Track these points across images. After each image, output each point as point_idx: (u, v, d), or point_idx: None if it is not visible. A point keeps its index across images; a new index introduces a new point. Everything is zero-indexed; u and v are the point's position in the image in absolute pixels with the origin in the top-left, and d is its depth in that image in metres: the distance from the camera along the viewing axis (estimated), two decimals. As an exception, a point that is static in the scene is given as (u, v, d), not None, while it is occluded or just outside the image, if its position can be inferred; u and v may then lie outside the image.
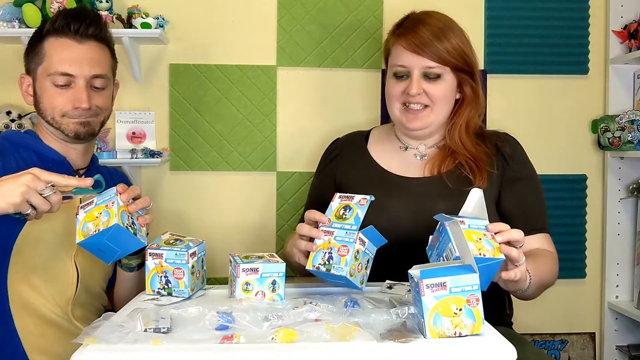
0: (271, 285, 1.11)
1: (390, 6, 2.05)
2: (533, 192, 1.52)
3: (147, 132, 2.01)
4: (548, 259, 1.44)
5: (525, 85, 2.12)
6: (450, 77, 1.47)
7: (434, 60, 1.44)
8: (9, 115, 1.92)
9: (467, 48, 1.48)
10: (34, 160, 1.38)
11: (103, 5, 1.87)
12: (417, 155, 1.55)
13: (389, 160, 1.56)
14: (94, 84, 1.41)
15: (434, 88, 1.46)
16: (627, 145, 2.03)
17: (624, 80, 2.12)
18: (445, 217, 1.08)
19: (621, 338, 2.16)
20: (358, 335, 0.93)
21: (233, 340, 0.92)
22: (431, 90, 1.46)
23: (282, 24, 2.04)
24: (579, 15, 2.10)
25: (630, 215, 2.14)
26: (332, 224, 1.18)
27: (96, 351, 0.89)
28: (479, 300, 0.94)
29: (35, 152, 1.41)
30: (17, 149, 1.39)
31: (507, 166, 1.50)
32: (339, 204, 1.21)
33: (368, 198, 1.19)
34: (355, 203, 1.19)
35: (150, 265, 1.20)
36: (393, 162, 1.55)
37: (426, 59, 1.44)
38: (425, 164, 1.52)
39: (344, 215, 1.18)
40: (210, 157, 2.03)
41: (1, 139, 1.42)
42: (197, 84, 2.02)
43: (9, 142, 1.41)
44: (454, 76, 1.48)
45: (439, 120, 1.50)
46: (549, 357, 1.59)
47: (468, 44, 1.50)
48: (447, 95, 1.48)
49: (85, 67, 1.38)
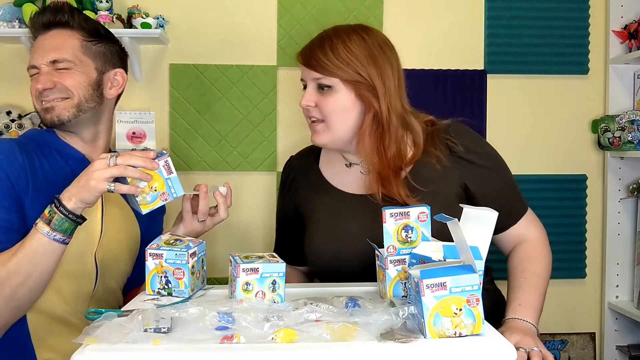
0: (271, 285, 1.11)
1: (390, 6, 2.05)
2: (502, 179, 1.48)
3: (147, 132, 2.01)
4: (537, 260, 1.44)
5: (525, 85, 2.12)
6: (343, 88, 1.38)
7: (319, 71, 1.39)
8: (9, 115, 1.92)
9: (363, 59, 1.38)
10: (57, 159, 1.40)
11: (103, 5, 1.87)
12: (362, 170, 1.48)
13: (339, 179, 1.51)
14: (57, 67, 1.39)
15: (325, 101, 1.40)
16: (627, 145, 2.03)
17: (624, 80, 2.12)
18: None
19: (621, 338, 2.16)
20: (358, 335, 0.93)
21: (233, 341, 0.92)
22: (322, 102, 1.40)
23: (282, 24, 2.04)
24: (579, 15, 2.10)
25: (630, 215, 2.14)
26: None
27: (96, 351, 0.88)
28: (479, 300, 0.94)
29: (57, 150, 1.42)
30: (41, 148, 1.40)
31: (468, 165, 1.44)
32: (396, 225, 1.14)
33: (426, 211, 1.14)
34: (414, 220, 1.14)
35: (150, 266, 1.20)
36: (343, 180, 1.50)
37: (312, 70, 1.40)
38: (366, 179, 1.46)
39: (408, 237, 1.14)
40: (210, 157, 2.03)
41: (25, 139, 1.43)
42: (197, 84, 2.02)
43: (33, 142, 1.41)
44: (348, 88, 1.38)
45: (341, 135, 1.41)
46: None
47: (369, 53, 1.39)
48: (340, 109, 1.39)
49: (45, 54, 1.39)
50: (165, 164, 1.26)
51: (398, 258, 1.12)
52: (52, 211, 1.22)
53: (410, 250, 1.12)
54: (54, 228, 1.21)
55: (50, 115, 1.39)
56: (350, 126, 1.41)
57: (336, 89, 1.39)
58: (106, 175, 1.20)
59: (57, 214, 1.21)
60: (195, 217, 1.41)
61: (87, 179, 1.21)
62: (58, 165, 1.40)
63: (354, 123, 1.41)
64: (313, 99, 1.41)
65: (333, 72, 1.38)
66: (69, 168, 1.39)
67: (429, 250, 1.10)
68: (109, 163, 1.21)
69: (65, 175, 1.36)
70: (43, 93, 1.38)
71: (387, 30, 2.04)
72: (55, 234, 1.21)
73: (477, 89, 2.07)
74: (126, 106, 2.00)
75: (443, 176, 1.42)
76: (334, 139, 1.43)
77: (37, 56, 1.39)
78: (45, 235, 1.21)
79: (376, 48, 1.41)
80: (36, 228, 1.22)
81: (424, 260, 1.08)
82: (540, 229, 1.50)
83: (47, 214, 1.22)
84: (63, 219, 1.21)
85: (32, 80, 1.41)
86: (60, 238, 1.22)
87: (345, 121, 1.41)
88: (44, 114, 1.40)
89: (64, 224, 1.22)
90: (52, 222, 1.21)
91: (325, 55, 1.38)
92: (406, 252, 1.12)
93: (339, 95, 1.39)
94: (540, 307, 1.39)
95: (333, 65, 1.38)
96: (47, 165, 1.38)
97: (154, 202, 1.27)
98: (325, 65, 1.38)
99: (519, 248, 1.46)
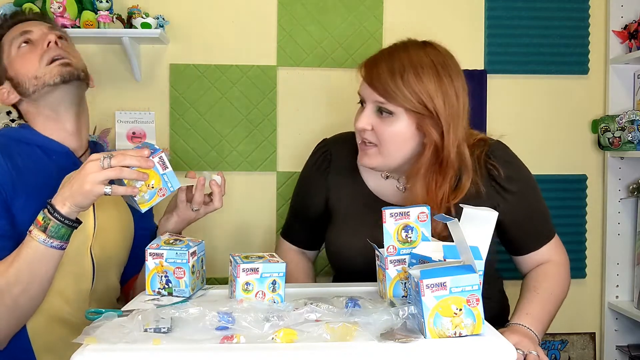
0: (271, 285, 1.11)
1: (391, 6, 2.05)
2: (535, 206, 1.45)
3: (147, 132, 2.01)
4: (553, 279, 1.43)
5: (525, 85, 2.12)
6: (405, 118, 1.32)
7: (383, 96, 1.31)
8: (9, 115, 1.92)
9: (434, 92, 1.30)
10: (39, 154, 1.37)
11: (103, 5, 1.87)
12: (398, 186, 1.46)
13: (376, 184, 1.48)
14: (57, 35, 1.41)
15: (383, 127, 1.33)
16: (627, 145, 2.03)
17: (624, 80, 2.12)
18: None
19: (621, 338, 2.16)
20: (358, 335, 0.93)
21: (233, 341, 0.92)
22: (380, 128, 1.33)
23: (282, 24, 2.04)
24: (579, 15, 2.10)
25: (630, 215, 2.14)
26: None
27: (96, 351, 0.88)
28: (479, 300, 0.94)
29: (38, 146, 1.39)
30: (20, 145, 1.37)
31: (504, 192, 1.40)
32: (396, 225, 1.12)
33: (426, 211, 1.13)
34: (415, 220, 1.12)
35: (151, 265, 1.20)
36: (380, 186, 1.47)
37: (375, 92, 1.33)
38: (406, 197, 1.42)
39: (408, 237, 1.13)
40: (210, 157, 2.03)
41: (4, 138, 1.39)
42: (197, 84, 2.02)
43: (12, 140, 1.38)
44: (410, 118, 1.32)
45: (392, 162, 1.36)
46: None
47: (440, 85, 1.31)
48: (399, 138, 1.33)
49: (40, 27, 1.41)
50: (160, 160, 1.24)
51: (398, 258, 1.12)
52: (46, 218, 1.18)
53: (410, 250, 1.12)
54: (51, 235, 1.18)
55: (68, 69, 1.37)
56: (404, 156, 1.36)
57: (397, 116, 1.32)
58: (101, 178, 1.16)
59: (53, 220, 1.18)
60: (190, 206, 1.40)
61: (81, 183, 1.16)
62: (42, 161, 1.37)
63: (410, 154, 1.36)
64: (370, 122, 1.35)
65: (399, 101, 1.30)
66: (54, 163, 1.37)
67: (429, 250, 1.10)
68: (102, 165, 1.16)
69: (50, 171, 1.34)
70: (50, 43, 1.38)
71: (387, 31, 2.05)
72: (53, 241, 1.19)
73: (477, 89, 2.07)
74: (126, 106, 2.00)
75: (478, 200, 1.36)
76: (385, 165, 1.38)
77: (32, 26, 1.41)
78: (42, 243, 1.18)
79: (446, 77, 1.33)
80: (31, 236, 1.19)
81: (424, 260, 1.08)
82: (563, 254, 1.48)
83: (41, 220, 1.19)
84: (59, 225, 1.18)
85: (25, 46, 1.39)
86: (57, 244, 1.20)
87: (400, 150, 1.35)
88: (60, 68, 1.36)
89: (61, 230, 1.19)
90: (48, 229, 1.18)
91: (394, 82, 1.30)
92: (406, 252, 1.12)
93: (400, 124, 1.32)
94: (546, 322, 1.37)
95: (401, 94, 1.30)
96: (31, 164, 1.35)
97: (152, 200, 1.26)
98: (392, 92, 1.30)
99: (537, 267, 1.45)
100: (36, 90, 1.38)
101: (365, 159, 1.39)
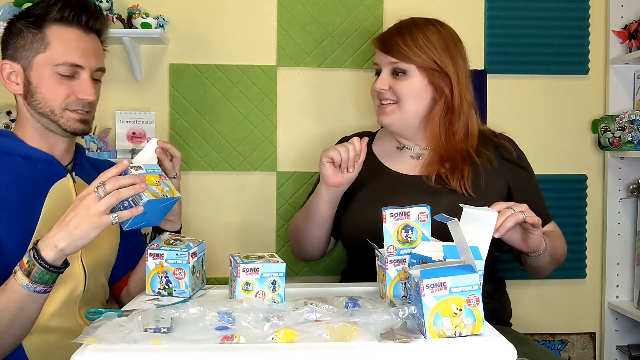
0: (271, 285, 1.11)
1: (390, 6, 2.05)
2: (536, 188, 1.61)
3: (147, 132, 2.01)
4: (558, 235, 1.55)
5: (525, 85, 2.12)
6: (417, 74, 1.50)
7: (396, 57, 1.49)
8: (9, 115, 1.92)
9: (439, 48, 1.50)
10: (21, 166, 1.32)
11: (103, 5, 1.87)
12: (412, 155, 1.58)
13: (390, 160, 1.59)
14: (95, 77, 1.37)
15: (399, 84, 1.50)
16: (627, 145, 2.03)
17: (624, 80, 2.12)
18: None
19: (621, 338, 2.16)
20: (358, 335, 0.93)
21: (233, 341, 0.92)
22: (396, 86, 1.50)
23: (282, 24, 2.04)
24: (579, 15, 2.10)
25: (630, 215, 2.14)
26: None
27: (96, 351, 0.89)
28: (479, 300, 0.94)
29: (20, 156, 1.33)
30: (2, 157, 1.31)
31: (515, 168, 1.57)
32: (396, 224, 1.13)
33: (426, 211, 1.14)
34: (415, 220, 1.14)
35: (151, 266, 1.20)
36: (394, 161, 1.58)
37: (389, 55, 1.50)
38: (420, 165, 1.55)
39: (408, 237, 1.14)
40: (210, 157, 2.03)
41: None
42: (197, 84, 2.02)
43: None
44: (422, 74, 1.50)
45: (410, 117, 1.52)
46: (554, 354, 1.59)
47: (444, 44, 1.51)
48: (413, 93, 1.50)
49: (91, 59, 1.35)
50: (135, 169, 1.19)
51: (398, 258, 1.12)
52: (30, 262, 1.13)
53: (410, 250, 1.12)
54: (34, 280, 1.13)
55: (83, 127, 1.35)
56: (420, 110, 1.52)
57: (411, 74, 1.50)
58: (103, 208, 1.12)
59: (37, 266, 1.12)
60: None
61: (82, 220, 1.12)
62: (25, 173, 1.31)
63: (424, 108, 1.52)
64: (387, 83, 1.52)
65: (410, 57, 1.49)
66: (39, 172, 1.33)
67: (429, 250, 1.10)
68: (99, 195, 1.12)
69: (35, 180, 1.30)
70: (85, 100, 1.33)
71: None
72: (36, 286, 1.13)
73: (477, 89, 2.06)
74: (126, 106, 2.00)
75: (493, 176, 1.52)
76: (402, 120, 1.53)
77: (85, 58, 1.33)
78: (25, 288, 1.13)
79: (450, 40, 1.53)
80: (15, 278, 1.14)
81: (424, 260, 1.08)
82: (562, 236, 1.59)
83: (25, 263, 1.13)
84: (43, 271, 1.13)
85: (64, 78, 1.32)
86: (41, 289, 1.14)
87: (416, 104, 1.51)
88: (76, 124, 1.33)
89: (45, 276, 1.13)
90: (32, 274, 1.12)
91: (403, 42, 1.49)
92: (406, 252, 1.12)
93: (413, 80, 1.50)
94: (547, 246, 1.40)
95: (411, 51, 1.48)
96: (13, 177, 1.29)
97: (170, 185, 1.24)
98: (403, 50, 1.49)
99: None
100: (44, 115, 1.34)
101: (384, 117, 1.54)
